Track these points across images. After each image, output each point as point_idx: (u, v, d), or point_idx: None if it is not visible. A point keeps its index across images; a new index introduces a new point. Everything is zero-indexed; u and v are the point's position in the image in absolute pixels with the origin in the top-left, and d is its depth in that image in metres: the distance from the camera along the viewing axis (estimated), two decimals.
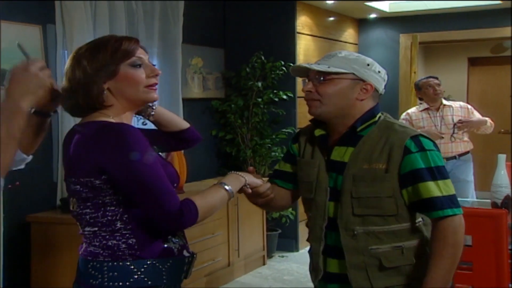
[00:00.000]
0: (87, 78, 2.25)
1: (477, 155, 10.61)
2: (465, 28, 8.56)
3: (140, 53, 2.33)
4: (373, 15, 8.84)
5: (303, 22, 7.69)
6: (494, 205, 4.45)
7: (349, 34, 8.89)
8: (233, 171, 2.57)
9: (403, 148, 2.50)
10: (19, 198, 4.73)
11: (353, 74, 2.58)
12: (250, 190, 2.58)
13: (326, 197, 2.63)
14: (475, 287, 3.20)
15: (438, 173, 2.50)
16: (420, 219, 2.58)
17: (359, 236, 2.53)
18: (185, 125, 2.68)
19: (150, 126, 2.63)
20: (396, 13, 8.64)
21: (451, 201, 2.48)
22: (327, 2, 7.71)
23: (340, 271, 2.61)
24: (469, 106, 6.88)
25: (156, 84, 2.37)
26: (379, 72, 2.64)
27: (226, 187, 2.43)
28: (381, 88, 2.66)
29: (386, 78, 2.69)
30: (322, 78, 2.58)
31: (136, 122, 2.56)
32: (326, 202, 2.62)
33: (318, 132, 2.69)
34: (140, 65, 2.31)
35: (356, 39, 9.10)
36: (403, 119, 6.88)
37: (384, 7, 8.38)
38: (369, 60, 2.65)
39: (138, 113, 2.55)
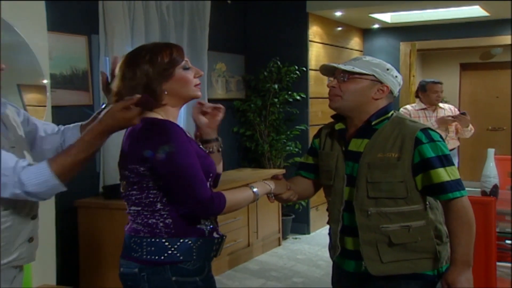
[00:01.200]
0: (150, 80, 2.30)
1: (468, 150, 10.67)
2: (458, 37, 8.53)
3: (185, 58, 2.40)
4: (376, 26, 8.81)
5: (314, 31, 7.69)
6: (484, 193, 4.44)
7: (355, 42, 8.87)
8: (263, 180, 2.61)
9: (414, 139, 2.52)
10: (67, 185, 4.76)
11: (374, 76, 2.60)
12: (273, 200, 2.64)
13: (343, 183, 2.64)
14: None
15: (446, 161, 2.51)
16: (427, 203, 2.59)
17: (372, 216, 2.55)
18: (220, 171, 2.65)
19: None
20: (396, 23, 8.60)
21: (458, 184, 2.51)
22: (336, 13, 7.69)
23: (354, 248, 2.63)
24: (457, 110, 6.79)
25: (200, 84, 2.44)
26: (396, 77, 2.67)
27: (254, 189, 2.48)
28: (395, 91, 2.69)
29: (401, 83, 2.72)
30: (346, 77, 2.61)
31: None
32: (343, 188, 2.64)
33: (338, 126, 2.71)
34: (189, 68, 2.38)
35: (361, 47, 9.06)
36: (403, 112, 6.49)
37: (386, 18, 8.35)
38: (389, 65, 2.68)
39: (202, 141, 2.58)
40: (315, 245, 7.19)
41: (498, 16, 7.98)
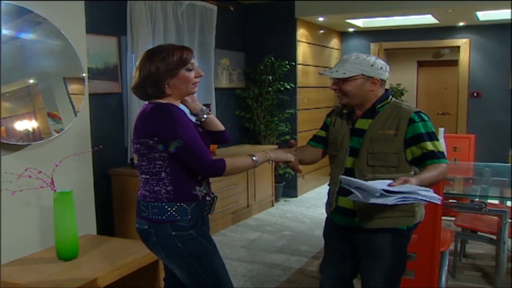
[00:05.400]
0: (158, 75, 2.33)
1: None
2: (415, 40, 8.54)
3: (192, 60, 2.41)
4: (351, 29, 8.78)
5: (301, 33, 7.67)
6: None
7: (334, 42, 8.85)
8: (264, 150, 2.58)
9: (408, 120, 2.53)
10: (102, 157, 4.81)
11: (362, 74, 2.59)
12: (281, 164, 2.65)
13: (346, 154, 2.67)
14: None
15: (434, 136, 2.53)
16: (412, 172, 2.59)
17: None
18: (222, 128, 2.66)
19: None
20: (367, 28, 8.57)
21: (443, 154, 2.51)
22: (319, 19, 7.66)
23: (346, 206, 2.66)
24: None
25: (198, 82, 2.46)
26: (381, 68, 2.62)
27: (254, 157, 2.48)
28: (385, 77, 2.66)
29: (388, 69, 2.67)
30: (342, 81, 2.62)
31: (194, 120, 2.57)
32: (345, 158, 2.67)
33: (346, 110, 2.75)
34: (192, 69, 2.40)
35: (339, 46, 9.04)
36: None
37: (359, 23, 8.34)
38: (372, 60, 2.62)
39: (194, 115, 2.59)
40: (301, 206, 7.23)
41: (446, 23, 8.12)
